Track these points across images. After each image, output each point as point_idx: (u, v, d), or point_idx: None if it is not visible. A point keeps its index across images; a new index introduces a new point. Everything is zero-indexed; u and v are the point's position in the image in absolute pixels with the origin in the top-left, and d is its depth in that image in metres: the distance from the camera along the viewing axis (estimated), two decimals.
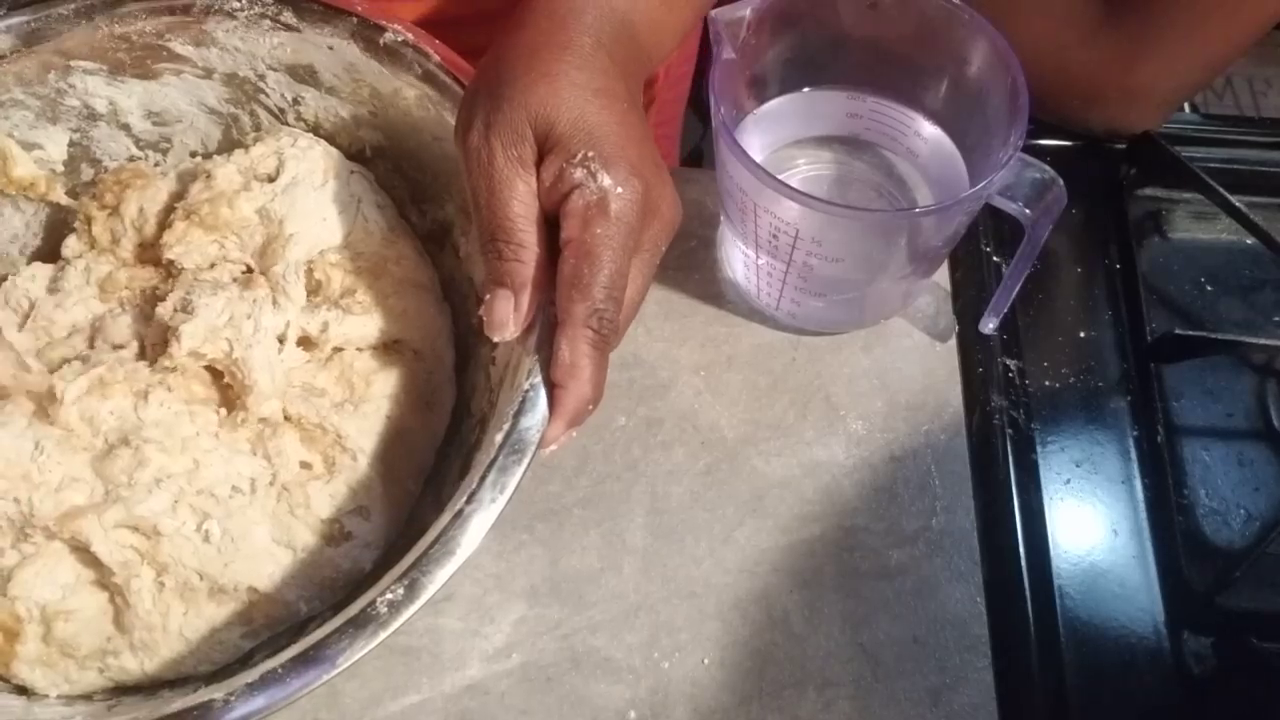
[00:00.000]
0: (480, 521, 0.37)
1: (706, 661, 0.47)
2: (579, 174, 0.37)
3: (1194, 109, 0.69)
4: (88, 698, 0.42)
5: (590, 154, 0.37)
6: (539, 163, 0.38)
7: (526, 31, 0.40)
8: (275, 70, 0.50)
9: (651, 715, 0.46)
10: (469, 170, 0.39)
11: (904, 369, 0.54)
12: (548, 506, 0.50)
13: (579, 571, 0.49)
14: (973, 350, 0.54)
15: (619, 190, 0.38)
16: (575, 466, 0.51)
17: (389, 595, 0.36)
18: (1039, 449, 0.52)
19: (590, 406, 0.38)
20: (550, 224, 0.39)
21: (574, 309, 0.37)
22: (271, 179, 0.49)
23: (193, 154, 0.53)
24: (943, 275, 0.56)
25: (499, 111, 0.38)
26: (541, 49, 0.39)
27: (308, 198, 0.48)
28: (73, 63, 0.48)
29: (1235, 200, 0.56)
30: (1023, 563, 0.49)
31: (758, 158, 0.47)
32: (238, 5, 0.48)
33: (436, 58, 0.47)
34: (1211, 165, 0.58)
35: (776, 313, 0.54)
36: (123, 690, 0.43)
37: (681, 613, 0.48)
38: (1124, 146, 0.60)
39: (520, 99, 0.38)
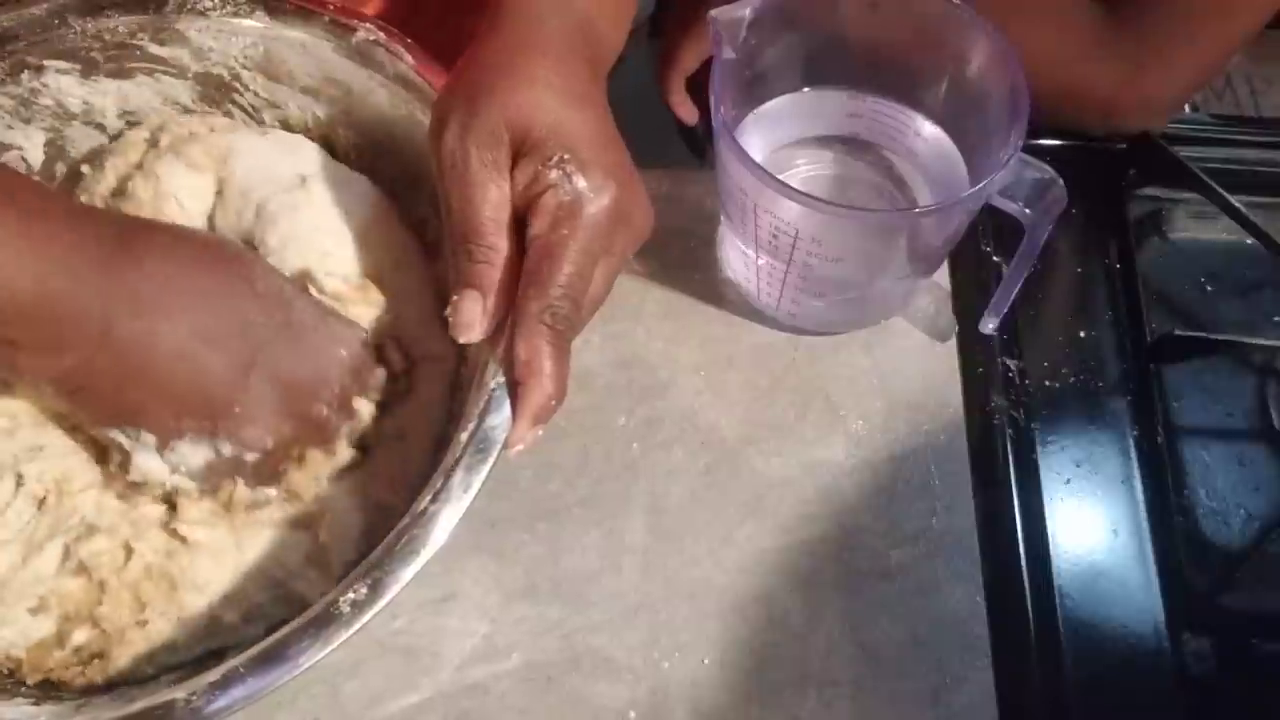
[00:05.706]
0: (445, 520, 0.37)
1: (706, 661, 0.47)
2: (554, 175, 0.37)
3: (1194, 109, 0.69)
4: (57, 698, 0.42)
5: (566, 157, 0.38)
6: (513, 167, 0.38)
7: (501, 36, 0.40)
8: (248, 69, 0.50)
9: (651, 715, 0.46)
10: (441, 173, 0.39)
11: (904, 369, 0.54)
12: (548, 506, 0.50)
13: (579, 571, 0.49)
14: (973, 350, 0.54)
15: (592, 195, 0.38)
16: (575, 466, 0.51)
17: (351, 595, 0.35)
18: (1039, 449, 0.52)
19: (554, 403, 0.37)
20: (520, 227, 0.38)
21: (528, 305, 0.37)
22: None
23: None
24: (943, 275, 0.56)
25: (475, 116, 0.38)
26: (518, 53, 0.39)
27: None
28: (46, 62, 0.48)
29: (1235, 200, 0.56)
30: (1023, 563, 0.49)
31: (758, 158, 0.47)
32: (210, 4, 0.48)
33: (408, 57, 0.47)
34: (1211, 165, 0.58)
35: (776, 313, 0.54)
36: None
37: (681, 613, 0.48)
38: (1124, 146, 0.60)
39: (497, 104, 0.38)
